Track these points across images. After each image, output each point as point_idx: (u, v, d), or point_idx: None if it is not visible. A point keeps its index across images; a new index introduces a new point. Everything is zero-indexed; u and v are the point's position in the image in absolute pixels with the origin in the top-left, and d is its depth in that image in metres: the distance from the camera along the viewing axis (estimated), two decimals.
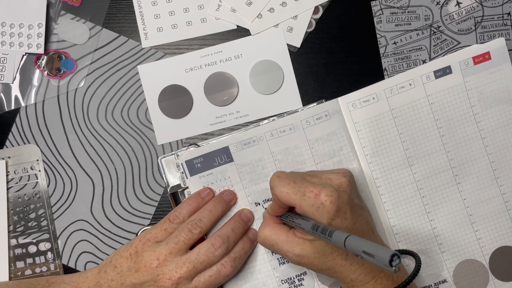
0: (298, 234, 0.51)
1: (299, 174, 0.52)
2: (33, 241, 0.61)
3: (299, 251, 0.50)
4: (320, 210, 0.49)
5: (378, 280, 0.51)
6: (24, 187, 0.61)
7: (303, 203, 0.49)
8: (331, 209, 0.48)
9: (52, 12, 0.62)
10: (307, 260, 0.50)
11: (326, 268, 0.50)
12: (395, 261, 0.39)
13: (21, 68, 0.62)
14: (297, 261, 0.51)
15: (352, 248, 0.43)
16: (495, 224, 0.58)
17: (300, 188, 0.50)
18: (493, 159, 0.58)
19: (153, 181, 0.62)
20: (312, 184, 0.50)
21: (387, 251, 0.40)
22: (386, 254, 0.40)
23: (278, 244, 0.51)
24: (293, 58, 0.62)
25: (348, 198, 0.50)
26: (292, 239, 0.51)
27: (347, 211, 0.50)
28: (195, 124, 0.62)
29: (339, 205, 0.49)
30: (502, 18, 0.62)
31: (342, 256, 0.50)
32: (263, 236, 0.53)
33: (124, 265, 0.53)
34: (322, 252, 0.50)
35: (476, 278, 0.58)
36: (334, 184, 0.51)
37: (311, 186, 0.50)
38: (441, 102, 0.57)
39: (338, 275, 0.51)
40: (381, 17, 0.62)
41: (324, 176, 0.52)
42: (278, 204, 0.52)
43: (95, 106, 0.62)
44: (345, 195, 0.50)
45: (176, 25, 0.63)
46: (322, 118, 0.57)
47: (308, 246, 0.50)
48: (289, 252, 0.51)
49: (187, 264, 0.52)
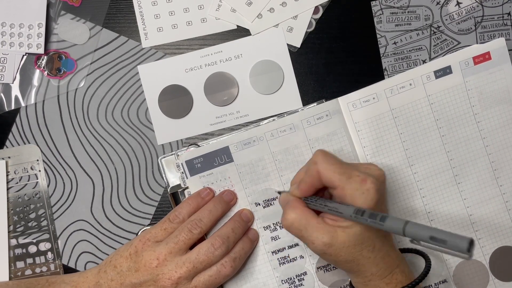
0: (329, 221, 0.48)
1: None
2: (33, 241, 0.61)
3: (329, 239, 0.47)
4: (364, 196, 0.47)
5: (394, 275, 0.50)
6: (24, 187, 0.61)
7: (347, 185, 0.47)
8: (374, 197, 0.47)
9: (52, 12, 0.62)
10: (334, 250, 0.48)
11: (351, 259, 0.48)
12: (472, 247, 0.39)
13: (21, 68, 0.62)
14: (323, 250, 0.48)
15: (415, 234, 0.41)
16: (495, 224, 0.58)
17: (346, 170, 0.48)
18: (493, 159, 0.58)
19: (153, 181, 0.62)
20: (358, 169, 0.49)
21: (463, 237, 0.39)
22: (463, 240, 0.38)
23: (307, 229, 0.48)
24: (293, 58, 0.62)
25: (385, 190, 0.50)
26: (323, 226, 0.48)
27: (383, 203, 0.50)
28: (195, 124, 0.62)
29: (381, 194, 0.48)
30: (502, 18, 0.62)
31: (369, 249, 0.48)
32: (291, 219, 0.49)
33: (124, 265, 0.53)
34: (353, 242, 0.48)
35: (476, 278, 0.58)
36: (374, 175, 0.49)
37: (357, 171, 0.48)
38: (441, 102, 0.57)
39: (360, 268, 0.49)
40: (381, 17, 0.62)
41: (362, 166, 0.51)
42: (312, 182, 0.49)
43: (95, 106, 0.62)
44: (383, 187, 0.50)
45: (176, 25, 0.63)
46: (323, 118, 0.57)
47: (339, 234, 0.48)
48: (317, 239, 0.48)
49: (187, 264, 0.52)
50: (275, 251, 0.58)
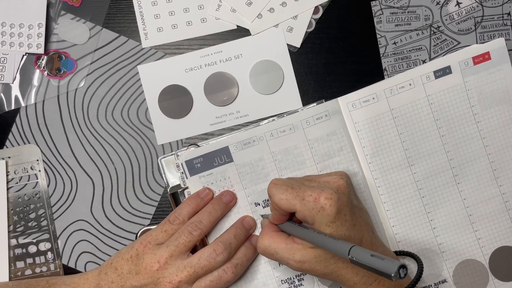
0: (298, 241, 0.50)
1: (296, 180, 0.52)
2: (33, 241, 0.61)
3: (300, 257, 0.49)
4: (320, 214, 0.48)
5: (381, 281, 0.50)
6: (24, 187, 0.61)
7: (303, 208, 0.49)
8: (331, 212, 0.48)
9: (52, 12, 0.62)
10: (308, 266, 0.50)
11: (329, 272, 0.50)
12: (403, 272, 0.39)
13: (21, 68, 0.62)
14: (299, 267, 0.50)
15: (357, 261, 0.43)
16: (495, 224, 0.58)
17: (298, 193, 0.49)
18: (493, 159, 0.58)
19: (153, 181, 0.62)
20: (311, 188, 0.50)
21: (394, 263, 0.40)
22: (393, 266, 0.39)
23: (278, 253, 0.50)
24: (293, 58, 0.62)
25: (347, 199, 0.50)
26: (292, 245, 0.50)
27: (346, 213, 0.49)
28: (195, 124, 0.62)
29: (338, 207, 0.48)
30: (502, 18, 0.62)
31: (344, 259, 0.49)
32: (263, 246, 0.51)
33: (124, 267, 0.53)
34: (324, 256, 0.49)
35: (476, 278, 0.58)
36: (332, 187, 0.50)
37: (309, 190, 0.49)
38: (441, 102, 0.57)
39: (341, 279, 0.50)
40: (381, 17, 0.62)
41: (321, 180, 0.51)
42: (279, 212, 0.51)
43: (95, 106, 0.62)
44: (344, 197, 0.50)
45: (176, 25, 0.63)
46: (322, 118, 0.57)
47: (308, 251, 0.49)
48: (289, 259, 0.50)
49: (188, 268, 0.52)
50: None
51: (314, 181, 0.52)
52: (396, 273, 0.39)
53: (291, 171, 0.57)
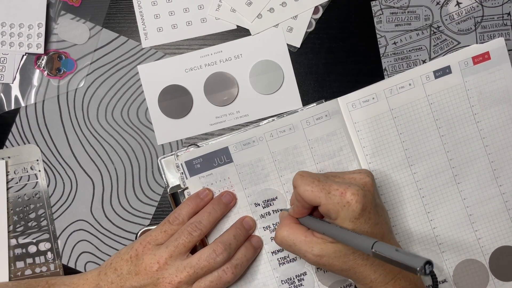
0: (317, 235, 0.50)
1: (322, 174, 0.52)
2: (33, 241, 0.61)
3: (319, 251, 0.49)
4: (345, 209, 0.48)
5: (397, 281, 0.50)
6: (24, 187, 0.61)
7: (328, 201, 0.48)
8: (356, 208, 0.48)
9: (52, 12, 0.62)
10: (326, 260, 0.49)
11: (347, 268, 0.49)
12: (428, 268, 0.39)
13: (21, 68, 0.62)
14: (316, 261, 0.50)
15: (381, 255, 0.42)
16: (495, 224, 0.58)
17: (324, 186, 0.49)
18: (493, 159, 0.58)
19: (153, 181, 0.62)
20: (337, 182, 0.49)
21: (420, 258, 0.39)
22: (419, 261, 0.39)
23: (296, 245, 0.50)
24: (293, 58, 0.62)
25: (372, 197, 0.50)
26: (311, 239, 0.49)
27: (371, 211, 0.49)
28: (195, 124, 0.62)
29: (364, 204, 0.48)
30: (502, 18, 0.62)
31: (363, 256, 0.49)
32: (281, 237, 0.51)
33: (124, 268, 0.53)
34: (344, 251, 0.49)
35: (476, 278, 0.58)
36: (358, 184, 0.50)
37: (336, 185, 0.49)
38: (441, 102, 0.57)
39: (358, 276, 0.50)
40: (381, 17, 0.62)
41: (347, 176, 0.51)
42: (302, 204, 0.51)
43: (95, 106, 0.62)
44: (370, 194, 0.49)
45: (176, 25, 0.63)
46: (322, 118, 0.57)
47: (328, 246, 0.49)
48: (308, 252, 0.49)
49: (187, 268, 0.52)
50: (275, 251, 0.58)
51: (339, 177, 0.51)
52: (422, 268, 0.39)
53: (291, 171, 0.57)
